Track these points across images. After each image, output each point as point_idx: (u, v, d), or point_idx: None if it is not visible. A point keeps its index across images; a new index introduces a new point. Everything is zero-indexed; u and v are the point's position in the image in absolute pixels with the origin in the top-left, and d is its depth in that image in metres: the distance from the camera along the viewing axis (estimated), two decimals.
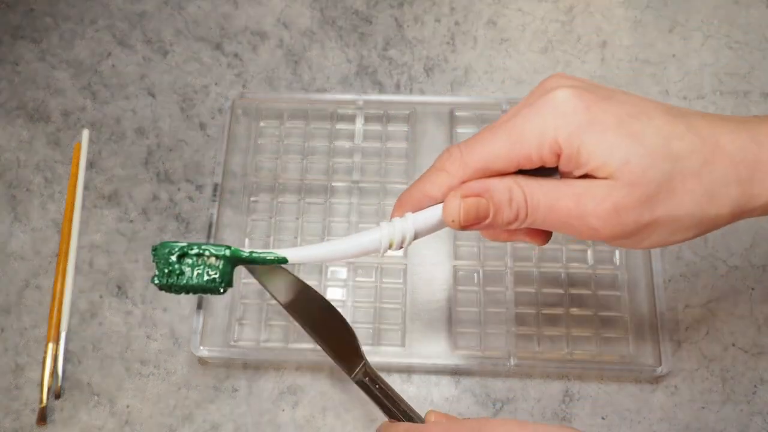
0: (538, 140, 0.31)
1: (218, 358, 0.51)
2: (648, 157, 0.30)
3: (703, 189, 0.31)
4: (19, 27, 0.64)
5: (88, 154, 0.58)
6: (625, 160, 0.30)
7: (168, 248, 0.35)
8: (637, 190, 0.30)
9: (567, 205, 0.32)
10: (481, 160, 0.32)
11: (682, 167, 0.30)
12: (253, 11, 0.64)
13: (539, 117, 0.31)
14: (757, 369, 0.51)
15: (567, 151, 0.31)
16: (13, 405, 0.51)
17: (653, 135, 0.30)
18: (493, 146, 0.32)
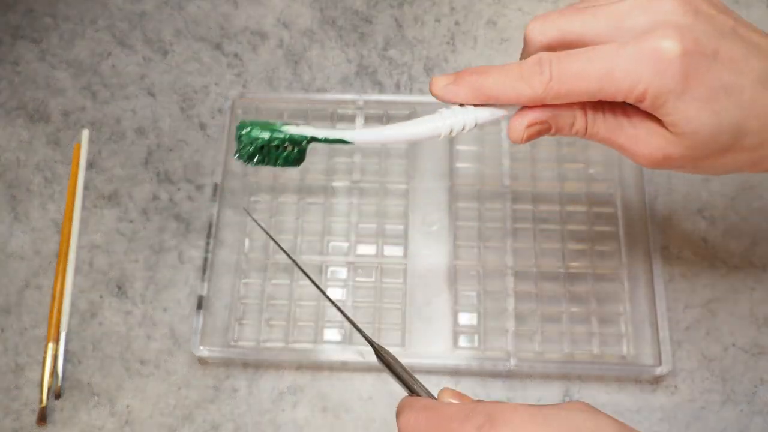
0: (628, 88, 0.32)
1: (218, 358, 0.51)
2: (717, 133, 0.32)
3: (751, 161, 0.34)
4: (19, 27, 0.64)
5: (88, 154, 0.58)
6: (696, 131, 0.32)
7: (251, 139, 0.37)
8: (692, 151, 0.33)
9: (622, 142, 0.35)
10: (567, 91, 0.33)
11: (744, 142, 0.33)
12: (253, 11, 0.64)
13: (638, 67, 0.32)
14: (757, 369, 0.51)
15: (649, 103, 0.32)
16: (13, 405, 0.51)
17: (734, 111, 0.32)
18: (584, 80, 0.32)
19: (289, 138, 0.37)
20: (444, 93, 0.35)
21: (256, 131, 0.37)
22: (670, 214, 0.55)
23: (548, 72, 0.33)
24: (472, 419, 0.30)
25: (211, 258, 0.52)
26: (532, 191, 0.56)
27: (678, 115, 0.32)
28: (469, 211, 0.55)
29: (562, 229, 0.55)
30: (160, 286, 0.54)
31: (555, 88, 0.33)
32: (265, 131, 0.37)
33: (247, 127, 0.37)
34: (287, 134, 0.37)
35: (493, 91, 0.34)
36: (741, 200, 0.55)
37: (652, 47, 0.31)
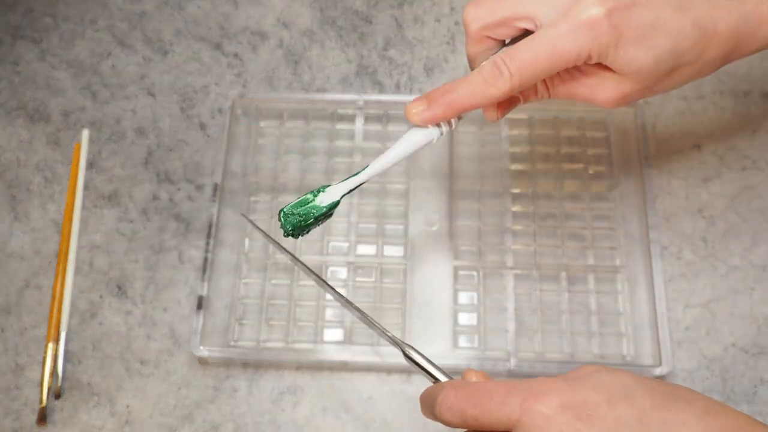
0: (575, 56, 0.37)
1: (218, 358, 0.51)
2: (657, 63, 0.37)
3: (696, 70, 0.39)
4: (19, 27, 0.64)
5: (88, 154, 0.58)
6: (639, 67, 0.37)
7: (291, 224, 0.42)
8: (642, 83, 0.39)
9: (583, 94, 0.40)
10: (528, 79, 0.38)
11: (683, 61, 0.38)
12: (253, 11, 0.64)
13: (576, 39, 0.36)
14: (757, 369, 0.51)
15: (596, 59, 0.37)
16: (13, 405, 0.51)
17: (665, 41, 0.37)
18: (539, 65, 0.37)
19: (325, 212, 0.42)
20: (422, 119, 0.40)
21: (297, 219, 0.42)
22: (670, 214, 0.55)
23: (507, 71, 0.37)
24: (515, 394, 0.33)
25: (211, 258, 0.52)
26: (532, 191, 0.56)
27: (620, 61, 0.37)
28: (469, 211, 0.55)
29: (561, 229, 0.55)
30: (160, 286, 0.54)
31: (517, 81, 0.38)
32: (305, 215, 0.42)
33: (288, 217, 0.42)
34: (322, 209, 0.42)
35: (467, 104, 0.39)
36: (741, 200, 0.55)
37: (581, 18, 0.36)
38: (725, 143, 0.57)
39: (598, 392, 0.32)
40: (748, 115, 0.58)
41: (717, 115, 0.58)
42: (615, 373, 0.34)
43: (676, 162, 0.57)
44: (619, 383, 0.33)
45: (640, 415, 0.32)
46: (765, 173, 0.56)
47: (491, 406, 0.33)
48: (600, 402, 0.32)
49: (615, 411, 0.32)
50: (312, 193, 0.42)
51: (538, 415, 0.32)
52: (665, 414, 0.32)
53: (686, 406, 0.33)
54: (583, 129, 0.58)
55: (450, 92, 0.39)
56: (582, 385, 0.33)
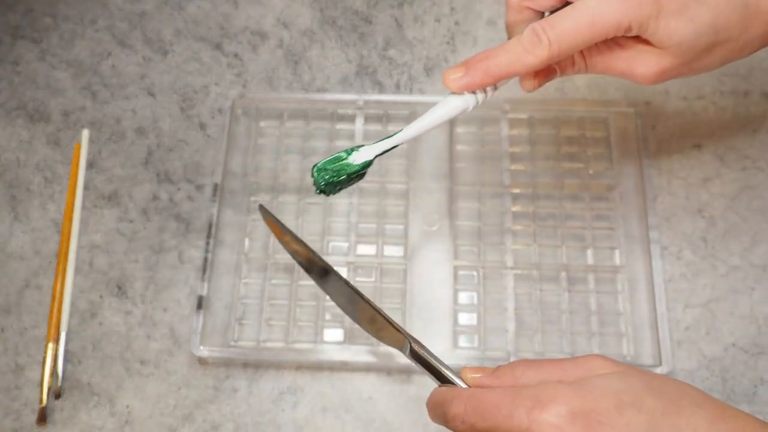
0: (615, 26, 0.37)
1: (218, 358, 0.51)
2: (697, 37, 0.37)
3: (736, 48, 0.39)
4: (19, 27, 0.64)
5: (88, 154, 0.59)
6: (679, 42, 0.37)
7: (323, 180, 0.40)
8: (682, 58, 0.38)
9: (621, 68, 0.40)
10: (567, 48, 0.37)
11: (724, 37, 0.38)
12: (253, 11, 0.64)
13: (620, 8, 0.36)
14: (757, 369, 0.51)
15: (636, 31, 0.37)
16: (13, 405, 0.51)
17: (707, 15, 0.37)
18: (578, 34, 0.37)
19: (358, 170, 0.41)
20: (459, 85, 0.39)
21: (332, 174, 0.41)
22: (670, 214, 0.55)
23: (546, 38, 0.37)
24: (520, 405, 0.32)
25: (211, 258, 0.52)
26: (532, 191, 0.56)
27: (661, 33, 0.37)
28: (469, 211, 0.55)
29: (561, 229, 0.55)
30: (160, 286, 0.54)
31: (556, 50, 0.37)
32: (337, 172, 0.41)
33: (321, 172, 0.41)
34: (356, 167, 0.41)
35: (504, 71, 0.38)
36: (741, 200, 0.55)
37: None
38: (725, 143, 0.57)
39: (607, 398, 0.32)
40: (748, 115, 0.58)
41: (717, 115, 0.58)
42: (623, 375, 0.34)
43: (676, 162, 0.57)
44: (627, 387, 0.33)
45: (650, 420, 0.32)
46: (765, 173, 0.56)
47: (499, 420, 0.33)
48: (609, 409, 0.32)
49: (624, 418, 0.32)
50: (346, 152, 0.41)
51: (546, 425, 0.32)
52: (675, 419, 0.32)
53: (696, 410, 0.32)
54: (583, 129, 0.58)
55: (488, 59, 0.38)
56: (590, 391, 0.33)
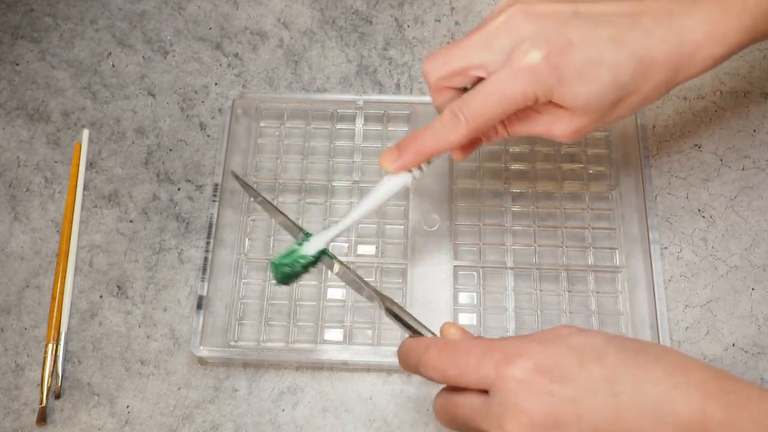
0: (522, 99, 0.39)
1: (218, 358, 0.51)
2: (601, 95, 0.39)
3: (642, 98, 0.41)
4: (19, 27, 0.64)
5: (88, 154, 0.59)
6: (585, 102, 0.40)
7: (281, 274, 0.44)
8: (593, 116, 0.41)
9: (540, 130, 0.42)
10: (483, 123, 0.40)
11: (627, 91, 0.40)
12: (253, 11, 0.64)
13: (521, 82, 0.39)
14: (757, 369, 0.51)
15: (543, 100, 0.40)
16: (13, 405, 0.51)
17: (604, 75, 0.39)
18: (490, 109, 0.40)
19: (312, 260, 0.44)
20: (396, 167, 0.43)
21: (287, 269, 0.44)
22: (670, 214, 0.55)
23: (462, 117, 0.40)
24: (489, 357, 0.34)
25: (211, 258, 0.52)
26: (532, 191, 0.56)
27: (566, 98, 0.39)
28: (469, 211, 0.55)
29: (561, 229, 0.55)
30: (160, 286, 0.54)
31: (473, 126, 0.40)
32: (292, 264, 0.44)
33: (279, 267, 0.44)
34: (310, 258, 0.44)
35: (433, 149, 0.42)
36: (741, 200, 0.55)
37: (522, 63, 0.38)
38: (725, 143, 0.57)
39: (571, 353, 0.34)
40: (748, 115, 0.58)
41: (717, 115, 0.58)
42: (587, 334, 0.35)
43: (676, 162, 0.57)
44: (591, 343, 0.34)
45: (611, 374, 0.33)
46: (765, 173, 0.56)
47: (468, 369, 0.35)
48: (572, 363, 0.34)
49: (586, 371, 0.33)
50: (298, 244, 0.44)
51: (510, 379, 0.33)
52: (635, 372, 0.33)
53: (656, 362, 0.34)
54: None
55: (417, 140, 0.42)
56: (555, 347, 0.34)
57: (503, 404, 0.33)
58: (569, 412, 0.33)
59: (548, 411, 0.33)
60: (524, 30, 0.39)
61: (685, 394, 0.33)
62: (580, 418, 0.33)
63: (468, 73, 0.41)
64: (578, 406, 0.33)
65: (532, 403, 0.33)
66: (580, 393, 0.33)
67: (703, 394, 0.33)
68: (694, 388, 0.33)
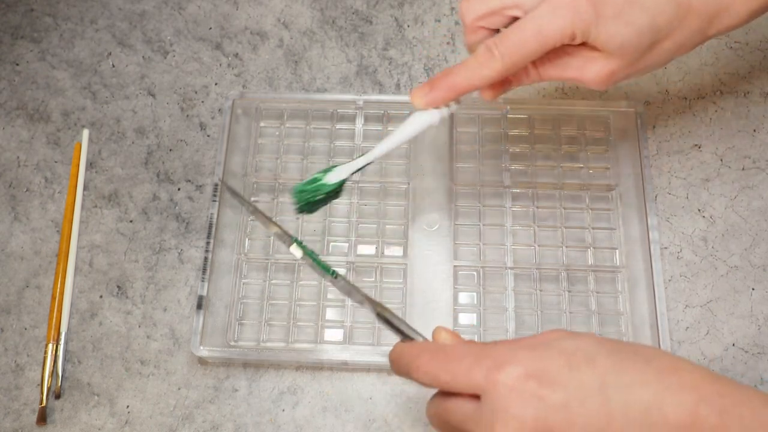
0: (560, 36, 0.39)
1: (218, 358, 0.51)
2: (637, 37, 0.40)
3: (676, 45, 0.41)
4: (19, 27, 0.64)
5: (88, 154, 0.59)
6: (620, 44, 0.40)
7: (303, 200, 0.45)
8: (627, 59, 0.41)
9: (572, 74, 0.42)
10: (519, 60, 0.40)
11: (663, 35, 0.40)
12: (253, 11, 0.64)
13: (560, 18, 0.39)
14: (757, 369, 0.51)
15: (580, 38, 0.40)
16: (13, 405, 0.51)
17: (642, 16, 0.39)
18: (526, 46, 0.40)
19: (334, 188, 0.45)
20: (426, 101, 0.43)
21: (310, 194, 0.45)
22: (670, 214, 0.55)
23: (498, 53, 0.40)
24: (481, 363, 0.34)
25: (211, 258, 0.52)
26: (532, 191, 0.56)
27: (603, 38, 0.40)
28: (469, 211, 0.55)
29: (561, 228, 0.55)
30: (160, 286, 0.54)
31: (508, 62, 0.40)
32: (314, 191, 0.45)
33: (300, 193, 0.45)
34: (332, 186, 0.45)
35: (465, 85, 0.42)
36: (741, 200, 0.55)
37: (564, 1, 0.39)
38: (725, 143, 0.57)
39: (561, 358, 0.34)
40: (748, 115, 0.58)
41: (717, 115, 0.58)
42: (578, 338, 0.35)
43: (676, 162, 0.57)
44: (581, 346, 0.34)
45: (601, 378, 0.33)
46: (765, 173, 0.56)
47: (459, 375, 0.35)
48: (562, 367, 0.33)
49: (577, 375, 0.33)
50: (321, 172, 0.45)
51: (501, 385, 0.33)
52: (626, 375, 0.33)
53: (646, 365, 0.34)
54: (583, 128, 0.58)
55: (449, 76, 0.42)
56: (545, 352, 0.34)
57: (494, 410, 0.33)
58: (560, 418, 0.33)
59: (539, 417, 0.33)
60: None
61: (677, 397, 0.32)
62: (572, 423, 0.33)
63: (505, 12, 0.41)
64: (569, 411, 0.33)
65: (523, 409, 0.33)
66: (570, 398, 0.33)
67: (695, 397, 0.32)
68: (687, 391, 0.33)
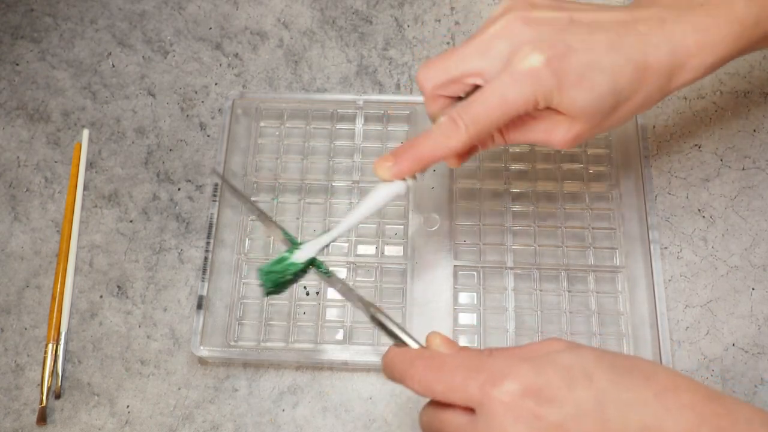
0: (524, 104, 0.39)
1: (218, 358, 0.51)
2: (599, 102, 0.40)
3: (638, 104, 0.41)
4: (19, 27, 0.64)
5: (88, 154, 0.59)
6: (583, 107, 0.40)
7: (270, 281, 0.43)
8: (591, 122, 0.41)
9: (538, 138, 0.42)
10: (483, 129, 0.40)
11: (624, 96, 0.40)
12: (253, 11, 0.64)
13: (521, 87, 0.39)
14: (757, 369, 0.51)
15: (543, 104, 0.40)
16: (13, 405, 0.51)
17: (603, 81, 0.39)
18: (491, 115, 0.39)
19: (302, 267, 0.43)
20: (391, 174, 0.42)
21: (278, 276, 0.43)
22: (670, 214, 0.55)
23: (462, 123, 0.40)
24: (476, 376, 0.34)
25: (211, 258, 0.52)
26: (532, 191, 0.56)
27: (566, 103, 0.39)
28: (469, 211, 0.55)
29: (561, 228, 0.55)
30: (160, 286, 0.54)
31: (473, 132, 0.40)
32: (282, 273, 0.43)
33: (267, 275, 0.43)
34: (299, 266, 0.43)
35: (430, 157, 0.41)
36: (741, 200, 0.55)
37: (523, 68, 0.38)
38: (725, 143, 0.57)
39: (559, 374, 0.33)
40: (748, 115, 0.58)
41: (717, 115, 0.58)
42: (577, 351, 0.34)
43: (676, 162, 0.57)
44: (580, 362, 0.34)
45: (598, 396, 0.32)
46: (765, 173, 0.56)
47: (454, 386, 0.34)
48: (560, 385, 0.33)
49: (575, 394, 0.32)
50: (288, 251, 0.43)
51: (497, 402, 0.33)
52: (624, 394, 0.33)
53: (645, 383, 0.33)
54: None
55: (414, 148, 0.41)
56: (543, 367, 0.33)
57: (489, 427, 0.33)
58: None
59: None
60: (523, 35, 0.39)
61: (676, 418, 0.32)
62: None
63: (465, 80, 0.41)
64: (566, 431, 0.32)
65: (518, 427, 0.32)
66: (567, 418, 0.32)
67: (695, 419, 0.32)
68: (686, 411, 0.32)
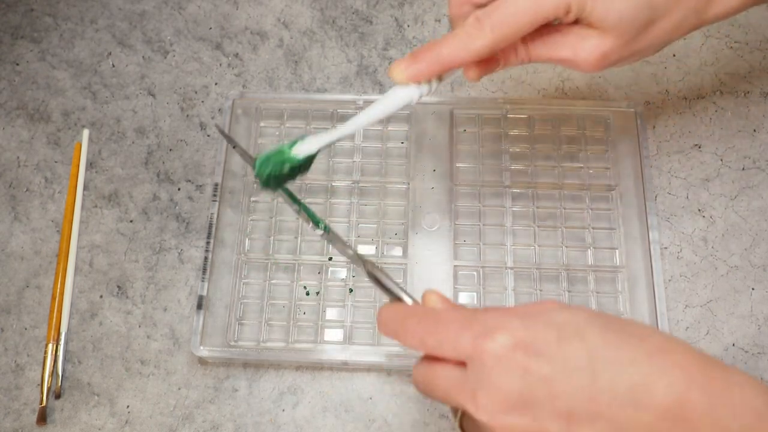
0: (554, 8, 0.38)
1: (218, 358, 0.51)
2: (635, 12, 0.38)
3: (672, 25, 0.40)
4: (19, 27, 0.64)
5: (88, 154, 0.59)
6: (617, 19, 0.38)
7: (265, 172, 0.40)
8: (622, 38, 0.39)
9: (564, 53, 0.40)
10: (509, 33, 0.38)
11: (659, 13, 0.39)
12: (253, 11, 0.64)
13: None
14: (757, 369, 0.51)
15: (575, 12, 0.38)
16: (13, 405, 0.51)
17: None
18: (518, 18, 0.38)
19: (300, 162, 0.40)
20: (407, 75, 0.39)
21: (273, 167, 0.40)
22: (670, 214, 0.55)
23: (488, 25, 0.38)
24: (471, 328, 0.33)
25: (211, 258, 0.52)
26: (532, 191, 0.56)
27: (598, 11, 0.38)
28: (469, 211, 0.55)
29: (561, 228, 0.55)
30: (160, 286, 0.54)
31: (498, 35, 0.38)
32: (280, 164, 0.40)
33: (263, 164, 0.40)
34: (298, 160, 0.40)
35: (451, 58, 0.39)
36: (741, 200, 0.55)
37: None
38: (725, 143, 0.57)
39: (550, 330, 0.33)
40: (748, 115, 0.58)
41: (717, 115, 0.58)
42: (570, 310, 0.34)
43: (676, 162, 0.57)
44: (572, 320, 0.33)
45: (589, 353, 0.32)
46: (765, 173, 0.56)
47: (446, 340, 0.34)
48: (550, 340, 0.32)
49: (565, 349, 0.32)
50: (288, 144, 0.41)
51: (487, 354, 0.32)
52: (615, 352, 0.32)
53: (638, 343, 0.32)
54: (583, 128, 0.58)
55: (434, 47, 0.39)
56: (535, 323, 0.33)
57: (478, 379, 0.32)
58: (544, 391, 0.32)
59: (522, 388, 0.32)
60: None
61: (667, 378, 0.31)
62: (555, 397, 0.32)
63: None
64: (553, 385, 0.32)
65: (507, 379, 0.32)
66: (556, 372, 0.32)
67: (685, 381, 0.31)
68: (677, 373, 0.32)
